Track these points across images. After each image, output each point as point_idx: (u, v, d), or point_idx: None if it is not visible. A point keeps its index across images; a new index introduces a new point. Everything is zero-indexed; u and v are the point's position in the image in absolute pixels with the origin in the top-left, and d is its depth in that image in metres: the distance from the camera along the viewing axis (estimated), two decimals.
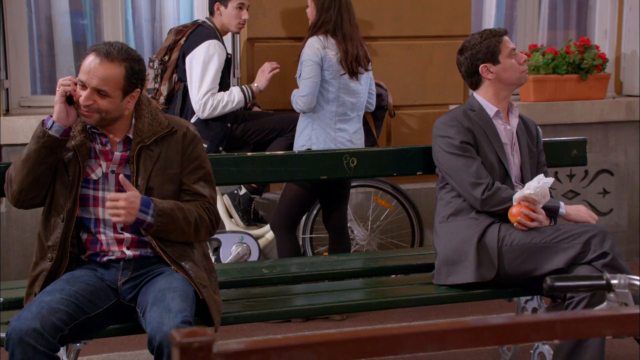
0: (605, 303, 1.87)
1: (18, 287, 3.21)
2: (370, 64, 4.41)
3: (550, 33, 6.01)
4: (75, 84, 2.84)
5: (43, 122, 2.85)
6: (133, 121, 2.95)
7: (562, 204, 3.44)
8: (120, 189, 2.90)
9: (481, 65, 3.51)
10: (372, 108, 4.62)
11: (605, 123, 5.66)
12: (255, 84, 4.61)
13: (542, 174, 3.40)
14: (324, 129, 4.29)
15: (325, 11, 4.28)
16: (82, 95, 2.81)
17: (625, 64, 5.94)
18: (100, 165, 2.92)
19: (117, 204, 2.74)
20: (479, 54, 3.50)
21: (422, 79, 5.28)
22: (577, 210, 3.43)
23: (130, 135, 2.93)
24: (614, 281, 1.84)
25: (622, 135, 5.73)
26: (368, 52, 4.42)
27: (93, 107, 2.82)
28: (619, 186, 5.76)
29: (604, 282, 1.85)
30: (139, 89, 2.91)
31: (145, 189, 2.88)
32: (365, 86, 4.42)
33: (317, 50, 4.23)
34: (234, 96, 4.47)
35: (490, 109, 3.52)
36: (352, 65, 4.27)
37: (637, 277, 1.85)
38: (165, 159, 2.93)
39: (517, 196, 3.31)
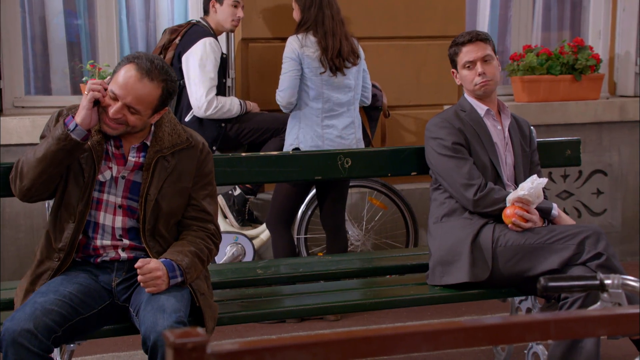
0: (598, 303, 1.87)
1: (13, 288, 3.19)
2: (360, 59, 4.41)
3: (544, 33, 6.02)
4: (105, 90, 2.77)
5: (65, 123, 2.75)
6: (152, 128, 2.92)
7: (554, 205, 3.45)
8: (128, 195, 2.88)
9: (451, 70, 3.59)
10: (368, 102, 4.62)
11: (599, 123, 5.67)
12: (251, 104, 4.65)
13: (536, 175, 3.41)
14: (311, 127, 4.31)
15: (307, 10, 4.33)
16: (112, 107, 2.76)
17: (618, 64, 5.95)
18: (110, 168, 2.88)
19: (155, 274, 2.72)
20: (449, 58, 3.56)
21: (417, 80, 5.29)
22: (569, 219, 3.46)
23: (148, 143, 2.90)
24: (607, 281, 1.84)
25: (615, 136, 5.74)
26: (356, 46, 4.42)
27: (120, 121, 2.78)
28: (612, 186, 5.77)
29: (597, 282, 1.85)
30: (167, 107, 2.89)
31: (155, 200, 2.86)
32: (355, 80, 4.41)
33: (293, 48, 4.28)
34: (234, 106, 4.51)
35: (481, 109, 3.53)
36: (334, 61, 4.28)
37: (631, 277, 1.85)
38: (179, 172, 2.91)
39: (510, 197, 3.31)
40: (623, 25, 5.89)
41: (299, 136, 4.31)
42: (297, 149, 4.28)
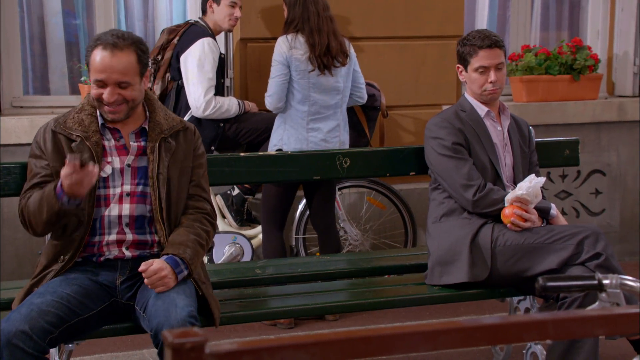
0: (597, 303, 1.87)
1: (12, 288, 3.19)
2: (349, 59, 4.37)
3: (543, 33, 6.03)
4: (79, 165, 2.63)
5: (57, 196, 2.70)
6: (147, 114, 2.97)
7: (553, 205, 3.45)
8: (137, 181, 2.90)
9: (457, 65, 3.56)
10: (362, 101, 4.59)
11: (598, 123, 5.68)
12: (250, 104, 4.65)
13: (534, 174, 3.41)
14: (296, 129, 4.30)
15: (292, 8, 4.32)
16: (105, 93, 2.81)
17: (617, 64, 5.95)
18: (109, 162, 2.90)
19: (161, 274, 2.73)
20: (457, 53, 3.54)
21: (415, 79, 5.29)
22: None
23: (146, 127, 2.95)
24: (605, 281, 1.84)
25: (614, 136, 5.75)
26: (347, 46, 4.37)
27: (119, 101, 2.83)
28: (611, 186, 5.78)
29: (595, 282, 1.85)
30: (149, 67, 2.95)
31: (167, 178, 2.90)
32: (344, 83, 4.38)
33: (282, 51, 4.26)
34: (232, 106, 4.51)
35: (481, 109, 3.53)
36: (322, 59, 4.26)
37: (629, 277, 1.85)
38: (181, 153, 2.97)
39: (509, 197, 3.31)
40: (621, 26, 5.90)
41: (284, 137, 4.31)
42: (280, 149, 4.27)
